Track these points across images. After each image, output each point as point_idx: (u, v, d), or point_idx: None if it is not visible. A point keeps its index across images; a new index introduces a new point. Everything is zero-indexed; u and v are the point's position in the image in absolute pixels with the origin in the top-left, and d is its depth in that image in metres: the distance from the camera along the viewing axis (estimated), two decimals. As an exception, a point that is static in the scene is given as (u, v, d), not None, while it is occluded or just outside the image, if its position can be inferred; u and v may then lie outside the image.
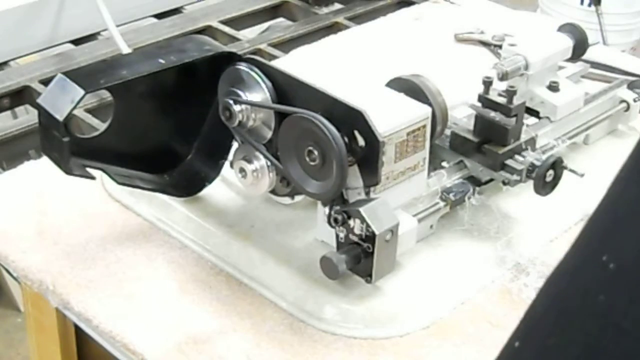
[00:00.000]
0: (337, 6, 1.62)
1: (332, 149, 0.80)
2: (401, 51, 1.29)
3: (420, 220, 0.90)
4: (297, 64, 1.25)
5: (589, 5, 2.45)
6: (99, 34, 1.50)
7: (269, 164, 0.89)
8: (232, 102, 0.88)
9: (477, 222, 0.96)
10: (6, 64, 1.42)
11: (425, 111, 0.87)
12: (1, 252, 0.95)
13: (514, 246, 0.95)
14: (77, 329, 1.00)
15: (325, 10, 1.60)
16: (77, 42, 1.49)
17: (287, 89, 0.86)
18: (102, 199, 1.02)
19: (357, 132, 0.81)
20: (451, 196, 0.93)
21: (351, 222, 0.83)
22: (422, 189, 0.90)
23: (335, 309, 0.86)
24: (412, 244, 0.88)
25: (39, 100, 0.85)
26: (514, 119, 0.94)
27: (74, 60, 1.41)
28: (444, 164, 0.97)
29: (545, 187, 0.93)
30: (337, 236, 0.85)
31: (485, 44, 1.29)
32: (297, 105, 0.84)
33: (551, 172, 0.92)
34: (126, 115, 0.92)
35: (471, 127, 0.97)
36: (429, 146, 0.88)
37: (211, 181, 0.98)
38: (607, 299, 0.37)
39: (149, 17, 1.58)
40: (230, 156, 0.95)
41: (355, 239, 0.83)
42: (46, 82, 1.29)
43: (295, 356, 0.83)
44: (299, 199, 0.94)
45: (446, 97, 0.91)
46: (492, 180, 0.96)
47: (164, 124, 0.96)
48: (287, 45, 1.46)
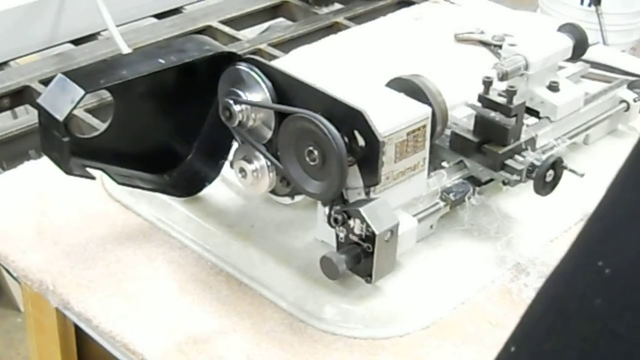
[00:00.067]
0: (337, 6, 1.61)
1: (332, 149, 0.80)
2: (401, 51, 1.29)
3: (420, 220, 0.90)
4: (297, 64, 1.25)
5: (589, 5, 2.45)
6: (99, 34, 1.50)
7: (269, 164, 0.89)
8: (232, 102, 0.88)
9: (477, 222, 0.96)
10: (6, 64, 1.41)
11: (425, 111, 0.87)
12: (1, 252, 0.95)
13: (514, 246, 0.95)
14: (77, 329, 1.00)
15: (325, 10, 1.60)
16: (77, 42, 1.48)
17: (287, 89, 0.86)
18: (102, 199, 1.02)
19: (357, 132, 0.81)
20: (451, 196, 0.93)
21: (351, 222, 0.83)
22: (422, 189, 0.90)
23: (335, 309, 0.86)
24: (412, 244, 0.88)
25: (39, 100, 0.85)
26: (514, 119, 0.94)
27: (74, 60, 1.41)
28: (444, 164, 0.97)
29: (545, 187, 0.93)
30: (337, 236, 0.85)
31: (485, 44, 1.29)
32: (297, 105, 0.84)
33: (551, 172, 0.92)
34: (126, 115, 0.92)
35: (471, 127, 0.96)
36: (429, 146, 0.88)
37: (211, 181, 0.98)
38: (603, 303, 0.37)
39: (149, 17, 1.58)
40: (230, 156, 0.94)
41: (355, 239, 0.83)
42: (46, 82, 1.29)
43: (295, 356, 0.83)
44: (299, 199, 0.94)
45: (446, 97, 0.91)
46: (492, 180, 0.96)
47: (164, 124, 0.96)
48: (287, 45, 1.45)
